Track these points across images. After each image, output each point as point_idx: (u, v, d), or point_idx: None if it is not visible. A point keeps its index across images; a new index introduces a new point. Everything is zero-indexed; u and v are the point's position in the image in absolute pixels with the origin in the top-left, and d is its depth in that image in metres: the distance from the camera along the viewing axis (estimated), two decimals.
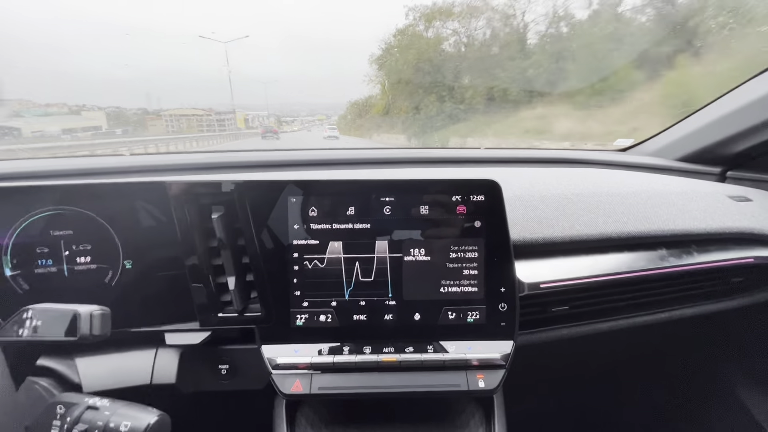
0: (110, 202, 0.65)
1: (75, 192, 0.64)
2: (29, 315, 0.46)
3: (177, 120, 12.86)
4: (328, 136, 12.88)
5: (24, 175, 0.91)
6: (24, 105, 3.62)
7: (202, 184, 0.64)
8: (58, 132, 3.82)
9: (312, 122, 25.17)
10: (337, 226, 0.65)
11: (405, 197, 0.65)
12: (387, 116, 10.95)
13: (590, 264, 0.77)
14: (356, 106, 13.98)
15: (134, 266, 0.67)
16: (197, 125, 13.73)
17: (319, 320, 0.66)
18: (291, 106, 25.24)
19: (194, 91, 13.09)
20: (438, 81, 9.23)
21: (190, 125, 13.37)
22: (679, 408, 1.19)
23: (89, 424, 0.45)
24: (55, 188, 0.64)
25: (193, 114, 13.96)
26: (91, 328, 0.46)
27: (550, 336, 0.79)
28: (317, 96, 36.88)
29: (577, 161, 1.29)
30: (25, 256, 0.64)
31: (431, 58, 10.04)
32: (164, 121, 11.99)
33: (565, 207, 0.84)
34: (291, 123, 24.34)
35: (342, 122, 16.23)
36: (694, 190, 0.98)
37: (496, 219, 0.65)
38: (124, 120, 7.96)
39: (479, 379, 0.64)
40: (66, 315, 0.46)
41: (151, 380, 0.65)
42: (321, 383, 0.64)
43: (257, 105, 21.91)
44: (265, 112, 22.23)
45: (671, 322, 0.86)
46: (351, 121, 15.01)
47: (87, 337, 0.45)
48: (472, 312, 0.66)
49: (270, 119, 22.88)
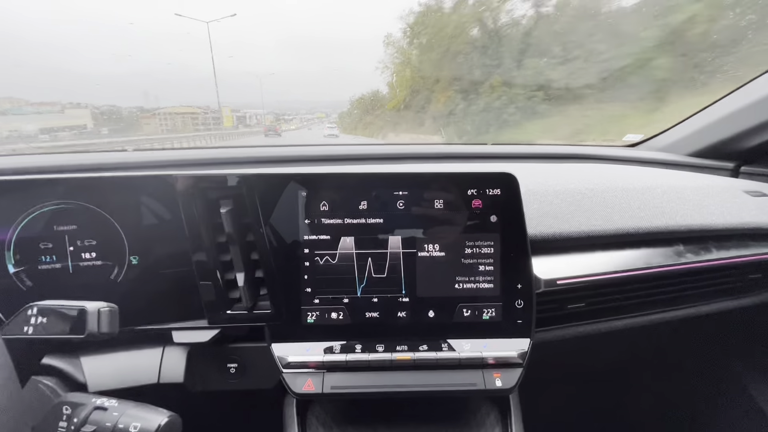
0: (116, 197, 0.64)
1: (79, 185, 0.62)
2: (34, 312, 0.44)
3: (172, 118, 12.78)
4: (328, 135, 12.92)
5: (26, 170, 0.89)
6: (15, 103, 3.53)
7: (210, 178, 0.62)
8: (35, 131, 3.70)
9: (311, 120, 25.07)
10: (349, 221, 0.63)
11: (419, 191, 0.63)
12: (408, 111, 8.67)
13: (606, 260, 0.76)
14: (363, 101, 13.21)
15: (140, 262, 0.65)
16: (192, 123, 13.63)
17: (331, 317, 0.64)
18: (289, 104, 25.21)
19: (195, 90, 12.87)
20: (501, 59, 6.16)
21: (185, 123, 13.28)
22: (697, 405, 1.17)
23: (97, 426, 0.44)
24: (59, 182, 0.62)
25: (188, 112, 13.84)
26: (99, 325, 0.44)
27: (567, 333, 0.77)
28: (316, 93, 36.56)
29: (587, 156, 1.28)
30: (28, 252, 0.62)
31: (493, 28, 6.73)
32: (158, 120, 11.90)
33: (581, 202, 0.82)
34: (290, 121, 24.28)
35: (346, 120, 15.64)
36: (710, 185, 0.97)
37: (512, 213, 0.64)
38: (116, 118, 7.82)
39: (496, 378, 0.62)
40: (72, 312, 0.44)
41: (158, 379, 0.63)
42: (333, 382, 0.62)
43: (255, 103, 21.76)
44: (262, 110, 22.13)
45: (689, 320, 0.84)
46: (357, 119, 14.18)
47: (94, 334, 0.44)
48: (487, 309, 0.64)
49: (268, 117, 22.79)
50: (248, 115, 20.40)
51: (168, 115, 12.19)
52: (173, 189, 0.62)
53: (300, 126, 23.04)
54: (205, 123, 13.30)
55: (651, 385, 1.09)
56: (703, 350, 1.04)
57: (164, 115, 11.91)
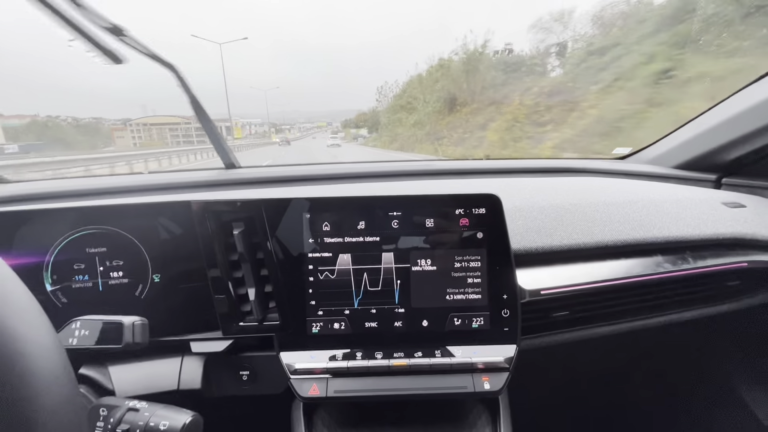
0: (139, 221, 0.71)
1: (108, 212, 0.70)
2: (78, 325, 0.51)
3: (147, 130, 12.04)
4: (331, 144, 13.21)
5: (52, 195, 0.97)
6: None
7: (223, 203, 0.69)
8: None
9: (310, 130, 25.43)
10: (348, 239, 0.70)
11: (412, 211, 0.70)
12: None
13: (588, 271, 0.81)
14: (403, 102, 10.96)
15: (161, 279, 0.72)
16: (171, 136, 12.88)
17: (333, 328, 0.70)
18: (288, 114, 25.54)
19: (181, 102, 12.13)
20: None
21: (162, 136, 12.61)
22: (681, 409, 1.21)
23: (131, 425, 0.50)
24: (90, 209, 0.70)
25: (166, 122, 13.09)
26: (134, 336, 0.51)
27: (553, 340, 0.82)
28: (314, 104, 36.69)
29: (577, 170, 1.34)
30: (64, 272, 0.69)
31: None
32: (130, 132, 11.23)
33: (563, 217, 0.88)
34: (288, 131, 24.69)
35: (384, 134, 14.31)
36: (689, 197, 1.02)
37: (497, 230, 0.70)
38: (56, 132, 7.43)
39: (485, 381, 0.68)
40: (111, 325, 0.51)
41: (178, 386, 0.70)
42: (337, 387, 0.68)
43: (252, 113, 21.95)
44: (258, 120, 22.41)
45: (670, 325, 0.89)
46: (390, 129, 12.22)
47: (130, 344, 0.50)
48: (476, 318, 0.70)
49: (264, 127, 23.10)
50: (241, 125, 20.63)
51: (143, 127, 11.56)
52: (190, 213, 0.69)
53: (302, 135, 23.41)
54: (187, 135, 12.77)
55: (636, 389, 1.13)
56: (688, 354, 1.09)
57: (139, 126, 11.27)
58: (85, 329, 0.51)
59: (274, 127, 21.39)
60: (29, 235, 0.68)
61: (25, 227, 0.68)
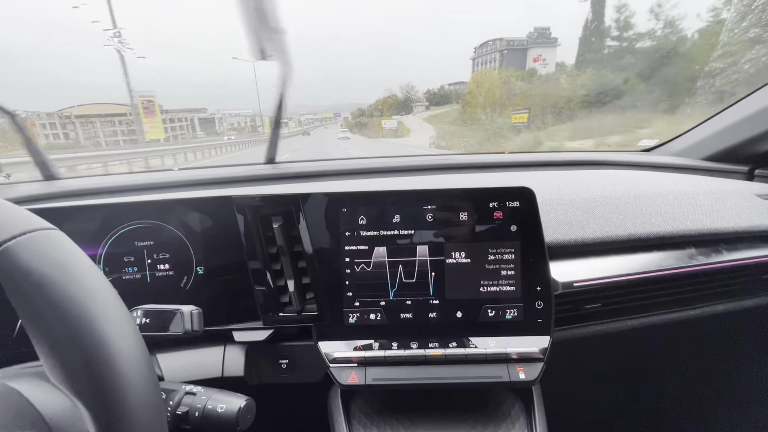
0: (185, 216, 0.74)
1: (156, 208, 0.73)
2: (139, 314, 0.54)
3: (72, 123, 9.11)
4: (341, 137, 13.42)
5: (98, 190, 1.01)
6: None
7: (264, 198, 0.72)
8: None
9: (313, 122, 25.89)
10: (384, 233, 0.72)
11: (446, 205, 0.71)
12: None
13: (620, 263, 0.81)
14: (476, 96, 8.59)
15: (205, 272, 0.76)
16: (110, 129, 10.05)
17: (370, 318, 0.72)
18: (290, 108, 26.25)
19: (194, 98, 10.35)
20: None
21: (96, 131, 9.85)
22: (709, 404, 1.20)
23: (189, 407, 0.53)
24: (140, 205, 0.73)
25: (101, 113, 9.49)
26: (192, 324, 0.54)
27: (585, 332, 0.83)
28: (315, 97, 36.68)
29: (603, 163, 1.32)
30: (115, 264, 0.73)
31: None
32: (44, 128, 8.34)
33: (594, 210, 0.88)
34: (286, 124, 25.24)
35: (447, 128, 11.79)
36: (721, 189, 1.01)
37: (531, 223, 0.71)
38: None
39: (520, 371, 0.69)
40: (170, 314, 0.54)
41: (222, 373, 0.73)
42: (374, 375, 0.70)
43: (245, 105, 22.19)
44: (249, 111, 22.80)
45: (703, 318, 0.89)
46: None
47: (189, 332, 0.53)
48: (510, 309, 0.71)
49: (255, 119, 23.70)
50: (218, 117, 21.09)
51: (67, 119, 9.22)
52: (232, 207, 0.72)
53: (309, 127, 24.23)
54: (126, 127, 10.58)
55: (667, 383, 1.13)
56: (720, 348, 1.08)
57: (62, 118, 8.89)
58: (146, 317, 0.54)
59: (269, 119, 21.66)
60: (84, 229, 0.72)
61: (80, 221, 0.72)
